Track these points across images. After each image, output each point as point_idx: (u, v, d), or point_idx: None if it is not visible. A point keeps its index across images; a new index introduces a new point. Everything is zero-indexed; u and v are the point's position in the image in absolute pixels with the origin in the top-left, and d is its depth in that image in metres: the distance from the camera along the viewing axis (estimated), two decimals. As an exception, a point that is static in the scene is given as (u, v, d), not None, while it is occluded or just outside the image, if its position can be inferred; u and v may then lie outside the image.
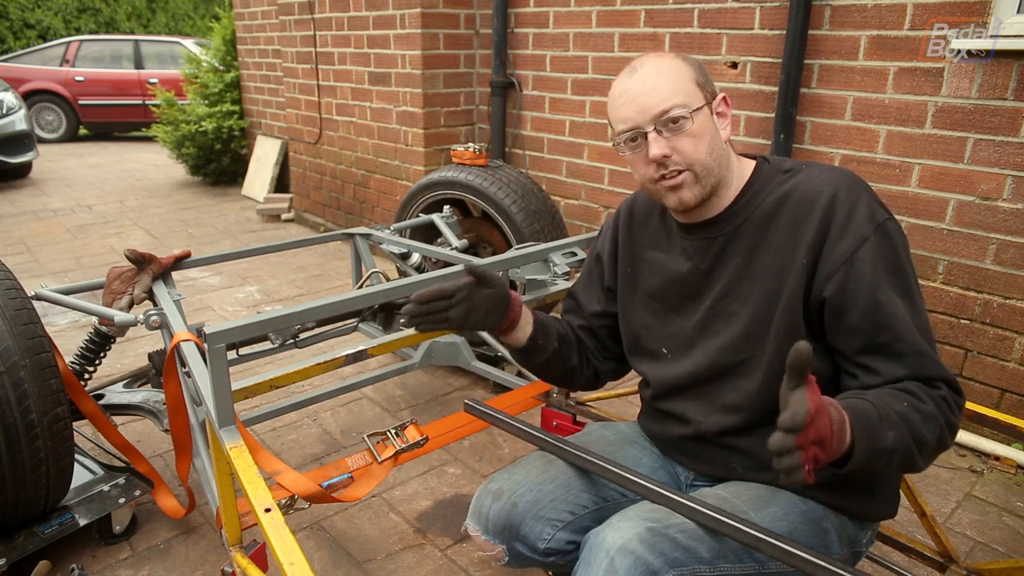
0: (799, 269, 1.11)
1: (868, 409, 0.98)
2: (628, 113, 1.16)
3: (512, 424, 1.37)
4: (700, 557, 1.05)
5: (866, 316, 1.07)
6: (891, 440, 0.97)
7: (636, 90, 1.15)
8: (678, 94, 1.14)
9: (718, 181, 1.18)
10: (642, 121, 1.15)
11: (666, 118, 1.13)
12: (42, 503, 1.74)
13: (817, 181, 1.14)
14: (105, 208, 5.94)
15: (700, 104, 1.15)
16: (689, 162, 1.15)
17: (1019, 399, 2.35)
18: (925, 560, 1.61)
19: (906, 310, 1.07)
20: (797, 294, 1.12)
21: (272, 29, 5.65)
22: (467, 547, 1.94)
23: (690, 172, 1.16)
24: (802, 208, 1.13)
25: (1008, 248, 2.29)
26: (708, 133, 1.15)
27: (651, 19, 3.10)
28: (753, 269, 1.17)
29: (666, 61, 1.17)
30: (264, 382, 1.46)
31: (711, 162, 1.16)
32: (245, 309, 3.73)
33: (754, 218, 1.18)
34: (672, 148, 1.14)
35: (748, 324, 1.17)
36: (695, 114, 1.14)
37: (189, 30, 13.94)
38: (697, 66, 1.18)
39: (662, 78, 1.14)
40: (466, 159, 2.90)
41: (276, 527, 1.08)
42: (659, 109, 1.13)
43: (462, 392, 2.82)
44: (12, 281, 1.70)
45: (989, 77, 2.22)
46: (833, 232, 1.09)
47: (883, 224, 1.09)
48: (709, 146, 1.15)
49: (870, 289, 1.07)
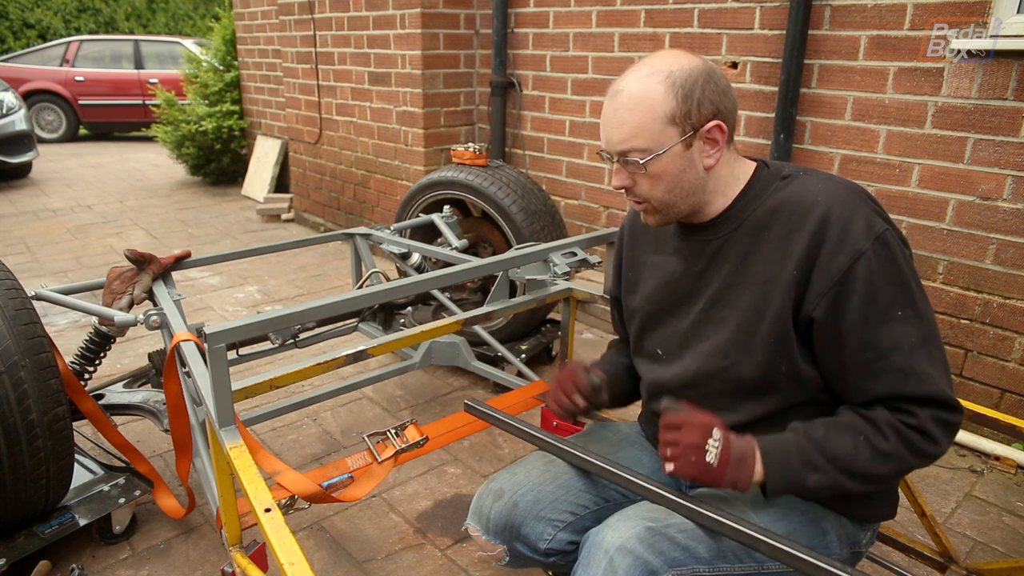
0: (788, 280, 1.09)
1: (789, 450, 1.08)
2: (602, 134, 1.17)
3: (512, 424, 1.38)
4: (699, 557, 1.05)
5: (852, 334, 1.06)
6: (812, 482, 1.07)
7: (607, 118, 1.15)
8: (639, 137, 1.10)
9: (690, 208, 1.18)
10: (609, 149, 1.16)
11: (624, 159, 1.14)
12: (42, 503, 1.74)
13: (812, 191, 1.11)
14: (105, 208, 5.94)
15: (666, 147, 1.10)
16: (646, 198, 1.17)
17: (1019, 399, 2.35)
18: (925, 560, 1.61)
19: (905, 322, 1.05)
20: (786, 306, 1.10)
21: (272, 29, 5.65)
22: (467, 547, 1.94)
23: (649, 204, 1.18)
24: (795, 218, 1.11)
25: (1008, 248, 2.29)
26: (670, 173, 1.13)
27: (651, 19, 3.10)
28: (744, 276, 1.16)
29: (646, 89, 1.10)
30: (264, 382, 1.46)
31: (669, 199, 1.16)
32: (245, 309, 3.73)
33: (748, 224, 1.16)
34: (633, 181, 1.16)
35: (735, 331, 1.16)
36: (655, 159, 1.11)
37: (189, 30, 13.93)
38: (687, 92, 1.09)
39: (631, 114, 1.11)
40: (466, 159, 2.90)
41: (276, 527, 1.08)
42: (619, 149, 1.13)
43: (462, 392, 2.82)
44: (12, 281, 1.70)
45: (989, 77, 2.22)
46: (827, 247, 1.06)
47: (881, 235, 1.05)
48: (668, 186, 1.14)
49: (861, 307, 1.05)
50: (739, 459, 1.07)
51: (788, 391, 1.14)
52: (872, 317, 1.05)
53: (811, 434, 1.08)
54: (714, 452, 1.06)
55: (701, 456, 1.05)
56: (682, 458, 1.06)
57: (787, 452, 1.08)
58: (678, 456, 1.06)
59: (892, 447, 1.04)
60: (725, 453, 1.06)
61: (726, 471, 1.06)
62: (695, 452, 1.06)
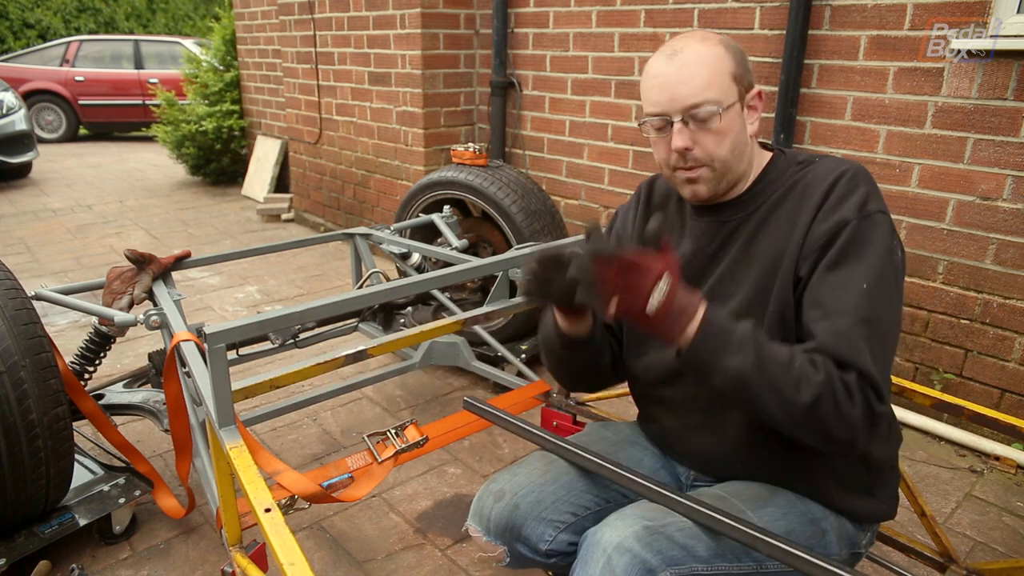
0: (794, 250, 1.12)
1: (730, 329, 1.03)
2: (659, 97, 1.15)
3: (513, 423, 1.37)
4: (697, 555, 1.05)
5: (810, 290, 1.08)
6: (731, 364, 1.01)
7: (671, 76, 1.13)
8: (712, 89, 1.11)
9: (736, 177, 1.19)
10: (671, 109, 1.14)
11: (695, 112, 1.12)
12: (42, 503, 1.74)
13: (824, 171, 1.14)
14: (105, 208, 5.94)
15: (732, 101, 1.13)
16: (710, 158, 1.15)
17: (1019, 399, 2.35)
18: (925, 560, 1.61)
19: (858, 295, 1.04)
20: (788, 275, 1.12)
21: (272, 29, 5.65)
22: (467, 547, 1.94)
23: (708, 168, 1.16)
24: (804, 195, 1.14)
25: (1008, 248, 2.29)
26: (734, 131, 1.14)
27: (651, 19, 3.10)
28: (751, 252, 1.18)
29: (708, 47, 1.13)
30: (264, 382, 1.46)
31: (731, 159, 1.16)
32: (245, 309, 3.73)
33: (764, 207, 1.19)
34: (695, 141, 1.14)
35: (741, 307, 1.17)
36: (725, 112, 1.12)
37: (189, 30, 13.93)
38: (739, 56, 1.15)
39: (700, 68, 1.11)
40: (466, 159, 2.90)
41: (276, 527, 1.08)
42: (690, 102, 1.12)
43: (462, 392, 2.82)
44: (12, 281, 1.70)
45: (989, 77, 2.22)
46: (820, 215, 1.10)
47: (871, 215, 1.08)
48: (732, 144, 1.15)
49: (824, 269, 1.07)
50: (678, 312, 1.01)
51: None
52: (831, 280, 1.06)
53: (757, 332, 1.05)
54: (657, 300, 0.99)
55: (643, 301, 0.99)
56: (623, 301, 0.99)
57: (727, 330, 1.03)
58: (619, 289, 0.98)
59: (819, 380, 0.99)
60: (669, 300, 0.99)
61: (660, 321, 1.00)
62: (638, 295, 0.99)
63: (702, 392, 1.22)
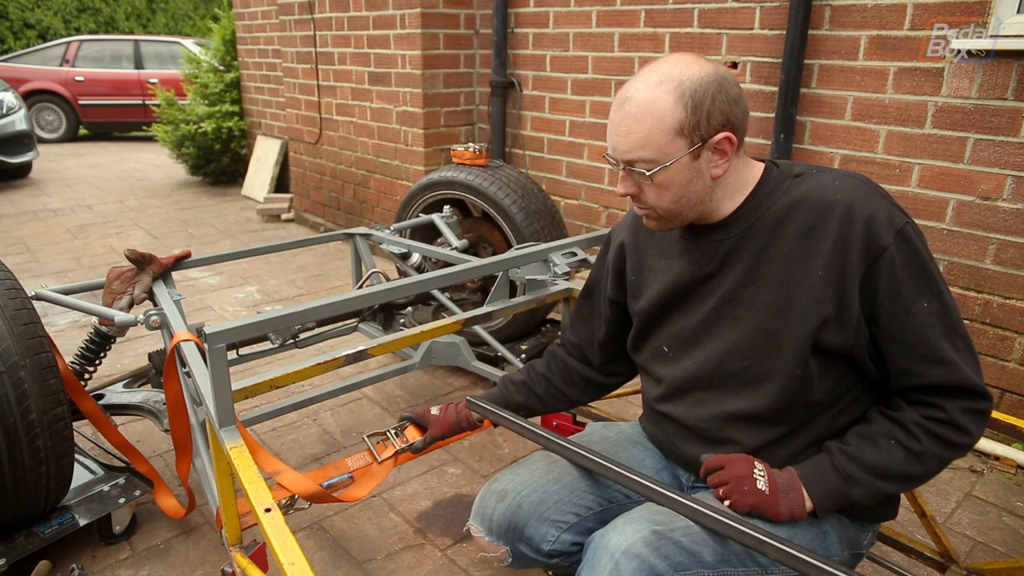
0: (815, 282, 1.09)
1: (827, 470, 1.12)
2: (609, 140, 1.16)
3: (514, 421, 1.37)
4: (704, 561, 1.05)
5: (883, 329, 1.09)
6: (856, 495, 1.10)
7: (615, 125, 1.13)
8: (646, 148, 1.09)
9: (696, 216, 1.18)
10: (615, 156, 1.15)
11: (632, 168, 1.13)
12: (42, 503, 1.74)
13: (830, 188, 1.11)
14: (105, 208, 5.94)
15: (673, 158, 1.09)
16: (652, 207, 1.16)
17: (1019, 399, 2.35)
18: (925, 560, 1.61)
19: (930, 313, 1.06)
20: (815, 308, 1.09)
21: (272, 29, 5.65)
22: (467, 547, 1.94)
23: (653, 211, 1.17)
24: (813, 216, 1.10)
25: (1008, 248, 2.29)
26: (677, 184, 1.12)
27: (651, 19, 3.10)
28: (760, 274, 1.15)
29: (656, 98, 1.07)
30: (264, 382, 1.46)
31: (676, 208, 1.15)
32: (245, 309, 3.73)
33: (763, 222, 1.15)
34: (640, 189, 1.15)
35: (753, 332, 1.15)
36: (664, 169, 1.10)
37: (189, 30, 13.93)
38: (697, 102, 1.07)
39: (638, 124, 1.09)
40: (466, 159, 2.90)
41: (276, 527, 1.08)
42: (627, 157, 1.12)
43: (462, 392, 2.82)
44: (12, 281, 1.69)
45: (989, 77, 2.22)
46: (855, 247, 1.06)
47: (902, 229, 1.06)
48: (675, 196, 1.13)
49: (885, 302, 1.07)
50: (786, 486, 1.11)
51: (799, 392, 1.14)
52: (897, 311, 1.06)
53: (844, 449, 1.12)
54: (763, 480, 1.11)
55: (752, 484, 1.10)
56: (736, 490, 1.10)
57: (825, 473, 1.11)
58: (732, 490, 1.10)
59: (924, 446, 1.07)
60: (772, 480, 1.11)
61: (779, 498, 1.09)
62: (746, 481, 1.10)
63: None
